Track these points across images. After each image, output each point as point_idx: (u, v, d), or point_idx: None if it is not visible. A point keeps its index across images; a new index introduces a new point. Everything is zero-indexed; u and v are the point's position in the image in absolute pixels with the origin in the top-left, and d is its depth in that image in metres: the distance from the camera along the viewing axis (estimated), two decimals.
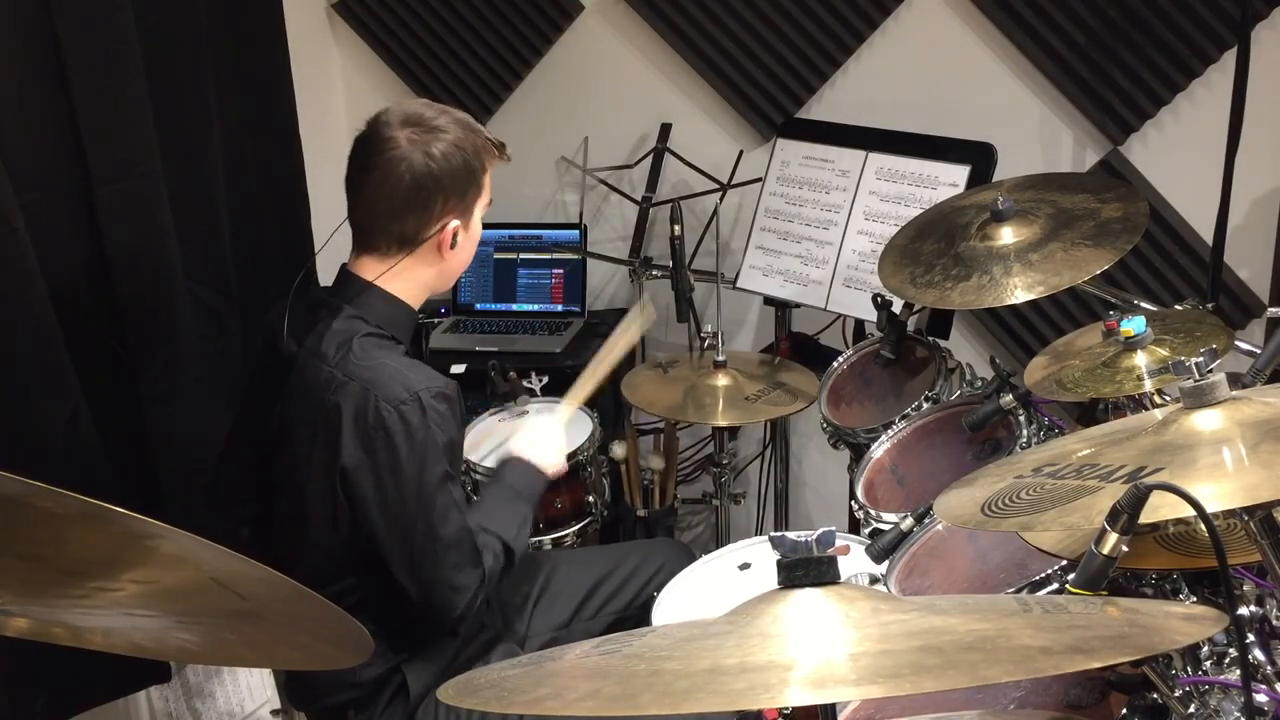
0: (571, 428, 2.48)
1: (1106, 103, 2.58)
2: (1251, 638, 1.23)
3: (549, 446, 2.06)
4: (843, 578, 0.92)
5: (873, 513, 1.90)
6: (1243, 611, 1.24)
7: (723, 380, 2.38)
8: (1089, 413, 1.98)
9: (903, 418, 2.07)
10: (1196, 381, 1.13)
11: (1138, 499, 0.99)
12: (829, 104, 2.83)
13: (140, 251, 1.95)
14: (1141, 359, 1.58)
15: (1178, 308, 1.91)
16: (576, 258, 3.01)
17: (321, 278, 1.97)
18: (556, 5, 2.93)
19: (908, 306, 2.24)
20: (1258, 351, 1.60)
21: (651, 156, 2.89)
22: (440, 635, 1.84)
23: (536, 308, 3.07)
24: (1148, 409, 1.53)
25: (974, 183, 2.37)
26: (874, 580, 1.71)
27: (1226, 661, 1.25)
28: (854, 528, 2.16)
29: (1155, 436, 1.14)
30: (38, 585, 0.96)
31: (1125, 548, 1.03)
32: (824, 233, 2.59)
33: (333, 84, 3.13)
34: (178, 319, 2.03)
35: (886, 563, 1.71)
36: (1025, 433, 1.82)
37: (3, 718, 1.77)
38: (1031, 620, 0.86)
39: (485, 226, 1.86)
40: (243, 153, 2.26)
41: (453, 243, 1.78)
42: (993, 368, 1.94)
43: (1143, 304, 1.99)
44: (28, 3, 1.75)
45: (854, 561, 1.79)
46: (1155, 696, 1.29)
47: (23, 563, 0.91)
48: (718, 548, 2.09)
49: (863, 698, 1.46)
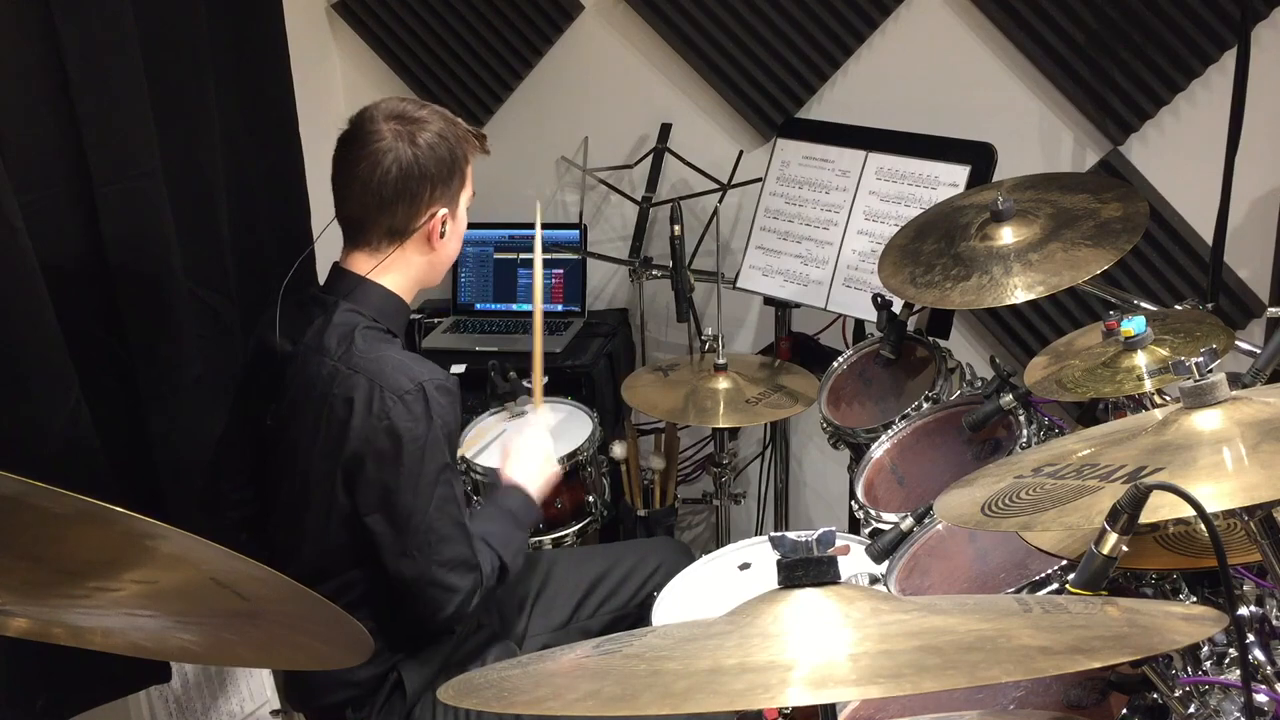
0: (571, 428, 2.49)
1: (1106, 103, 2.58)
2: (1251, 638, 1.23)
3: (541, 465, 2.07)
4: (843, 578, 0.92)
5: (873, 513, 1.90)
6: (1243, 611, 1.24)
7: (723, 383, 2.38)
8: (1089, 413, 1.98)
9: (903, 418, 2.07)
10: (1196, 381, 1.13)
11: (1138, 499, 0.99)
12: (829, 104, 2.83)
13: (140, 251, 1.94)
14: (1141, 359, 1.58)
15: (1178, 308, 1.91)
16: (576, 258, 3.01)
17: (320, 278, 1.97)
18: (556, 5, 2.93)
19: (908, 306, 2.24)
20: (1258, 351, 1.60)
21: (651, 156, 2.89)
22: (431, 635, 1.83)
23: None
24: (1148, 409, 1.53)
25: (974, 183, 2.37)
26: (874, 580, 1.70)
27: (1226, 661, 1.25)
28: (854, 528, 2.16)
29: (1155, 436, 1.14)
30: (38, 585, 0.96)
31: (1125, 548, 1.04)
32: (824, 233, 2.59)
33: (333, 84, 3.13)
34: (178, 319, 2.03)
35: (886, 563, 1.71)
36: (1025, 433, 1.82)
37: (3, 718, 1.76)
38: (1031, 620, 0.86)
39: (485, 226, 1.87)
40: (243, 153, 2.26)
41: (441, 232, 1.81)
42: (993, 368, 1.94)
43: (1143, 304, 1.99)
44: (29, 3, 1.75)
45: (854, 561, 1.79)
46: (1155, 696, 1.29)
47: (23, 563, 0.92)
48: (718, 548, 2.09)
49: (863, 698, 1.46)
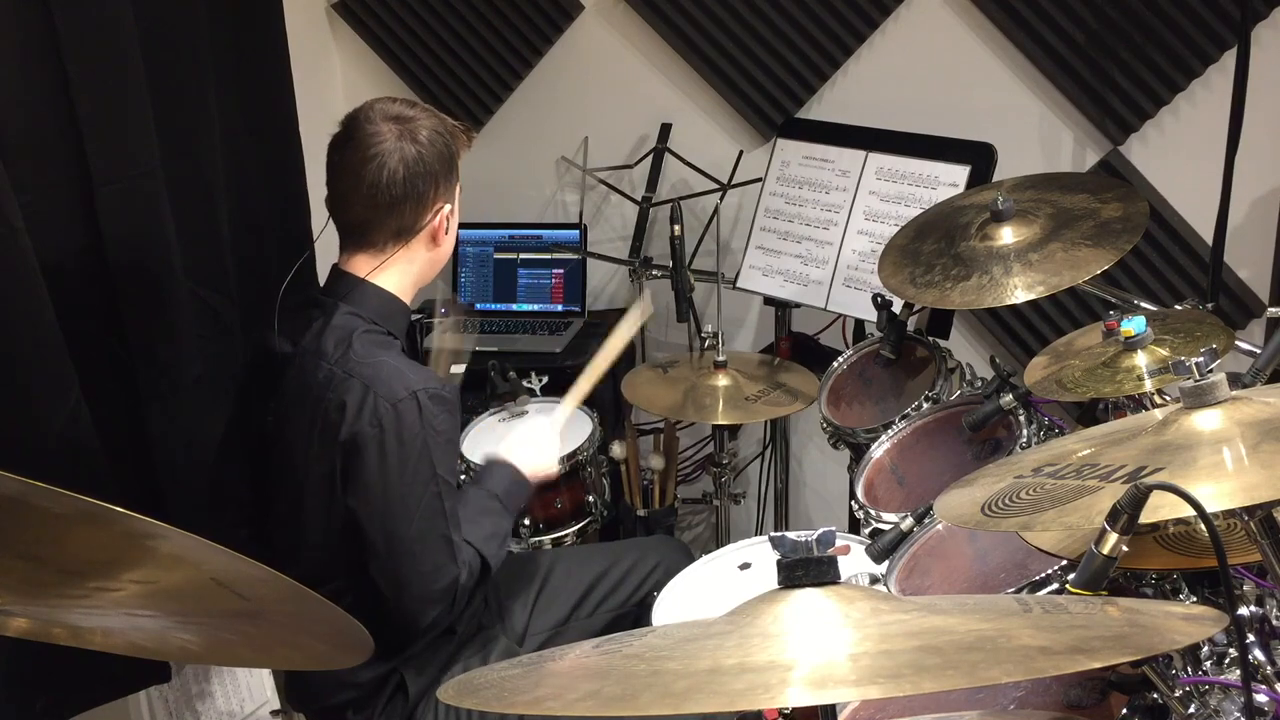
0: (571, 428, 2.49)
1: (1106, 103, 2.58)
2: (1251, 638, 1.23)
3: (541, 451, 2.04)
4: (843, 578, 0.92)
5: (873, 513, 1.90)
6: (1243, 611, 1.24)
7: (723, 381, 2.38)
8: (1089, 413, 1.98)
9: (903, 418, 2.07)
10: (1196, 381, 1.13)
11: (1138, 499, 0.99)
12: (829, 104, 2.83)
13: (140, 251, 1.94)
14: (1141, 359, 1.58)
15: (1178, 308, 1.91)
16: (576, 258, 3.01)
17: (319, 278, 1.97)
18: (556, 5, 2.93)
19: (908, 306, 2.24)
20: (1258, 351, 1.60)
21: (651, 156, 2.89)
22: (408, 642, 1.81)
23: (536, 308, 3.07)
24: (1148, 409, 1.53)
25: (974, 183, 2.37)
26: (874, 580, 1.70)
27: (1226, 661, 1.25)
28: (854, 528, 2.16)
29: (1155, 436, 1.14)
30: (38, 585, 0.96)
31: (1125, 548, 1.03)
32: (824, 233, 2.59)
33: (333, 84, 3.13)
34: (178, 319, 2.02)
35: (886, 563, 1.71)
36: (1025, 433, 1.82)
37: (3, 718, 1.76)
38: (1031, 620, 0.86)
39: (485, 226, 1.87)
40: (243, 153, 2.26)
41: (446, 227, 1.82)
42: (993, 368, 1.94)
43: (1143, 304, 1.99)
44: (28, 3, 1.75)
45: (854, 561, 1.79)
46: (1155, 696, 1.29)
47: (23, 563, 0.92)
48: (718, 548, 2.09)
49: (863, 698, 1.46)
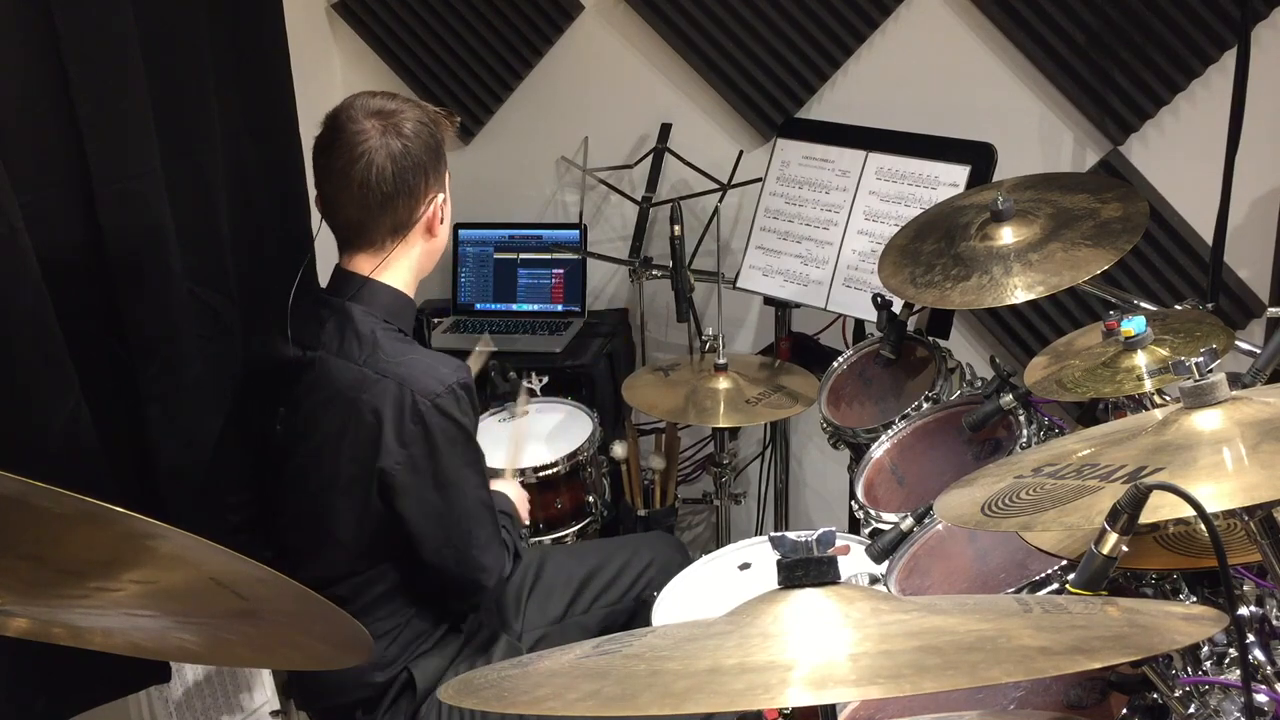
0: (571, 428, 2.49)
1: (1106, 103, 2.58)
2: (1251, 638, 1.23)
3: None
4: (843, 578, 0.92)
5: (873, 513, 1.90)
6: (1243, 611, 1.24)
7: (723, 383, 2.38)
8: (1089, 413, 1.98)
9: (903, 418, 2.06)
10: (1196, 381, 1.12)
11: (1138, 499, 0.99)
12: (829, 104, 2.83)
13: (140, 251, 1.94)
14: (1141, 359, 1.58)
15: (1178, 308, 1.91)
16: (576, 258, 3.01)
17: (319, 279, 1.97)
18: (556, 5, 2.93)
19: (908, 306, 2.24)
20: (1258, 351, 1.60)
21: (651, 156, 2.89)
22: (476, 607, 1.94)
23: (536, 308, 3.07)
24: (1148, 409, 1.53)
25: (974, 183, 2.37)
26: (874, 580, 1.71)
27: (1226, 661, 1.25)
28: (854, 528, 2.16)
29: (1155, 436, 1.14)
30: (38, 585, 0.96)
31: (1125, 548, 1.03)
32: (824, 233, 2.59)
33: (333, 84, 3.12)
34: (178, 319, 2.02)
35: (886, 563, 1.71)
36: (1025, 433, 1.82)
37: (3, 718, 1.76)
38: (1031, 620, 0.86)
39: (485, 227, 1.87)
40: (243, 153, 2.26)
41: (441, 217, 1.84)
42: (993, 368, 1.94)
43: (1143, 304, 1.99)
44: (28, 3, 1.75)
45: (854, 561, 1.79)
46: (1155, 696, 1.29)
47: (23, 563, 0.91)
48: (718, 548, 2.09)
49: (863, 698, 1.46)
